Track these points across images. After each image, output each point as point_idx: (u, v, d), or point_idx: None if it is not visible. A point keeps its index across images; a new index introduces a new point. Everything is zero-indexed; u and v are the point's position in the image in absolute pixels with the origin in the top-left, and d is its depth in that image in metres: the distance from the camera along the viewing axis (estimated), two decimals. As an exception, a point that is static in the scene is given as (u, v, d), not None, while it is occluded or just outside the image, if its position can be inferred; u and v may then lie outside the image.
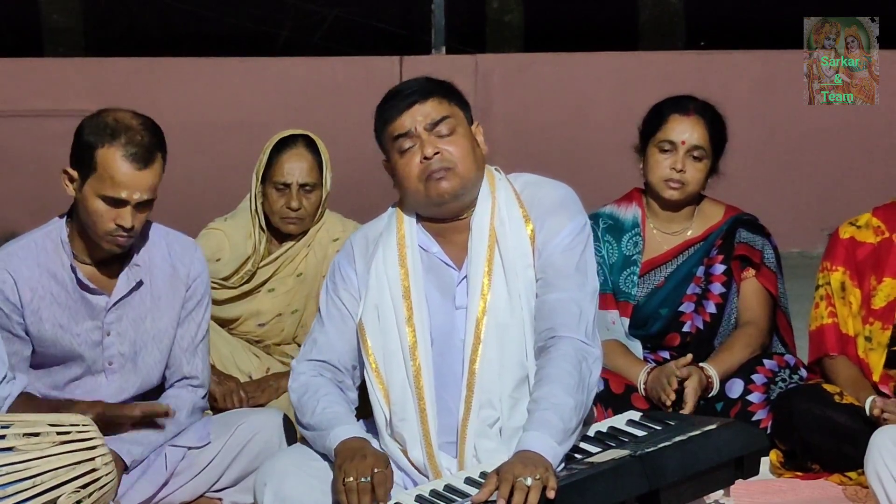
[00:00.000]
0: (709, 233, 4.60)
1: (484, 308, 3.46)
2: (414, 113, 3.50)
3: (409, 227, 3.58)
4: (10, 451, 3.40)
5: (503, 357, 3.45)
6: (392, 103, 3.55)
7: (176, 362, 4.02)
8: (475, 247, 3.51)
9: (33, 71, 8.46)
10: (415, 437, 3.45)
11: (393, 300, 3.51)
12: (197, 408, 4.04)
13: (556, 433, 3.25)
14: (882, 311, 4.31)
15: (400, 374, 3.48)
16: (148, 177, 3.75)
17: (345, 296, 3.58)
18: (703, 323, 4.54)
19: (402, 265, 3.53)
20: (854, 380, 4.28)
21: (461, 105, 3.58)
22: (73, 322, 3.90)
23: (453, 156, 3.49)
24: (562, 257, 3.49)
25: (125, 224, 3.76)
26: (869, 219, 4.40)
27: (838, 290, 4.36)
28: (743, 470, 3.41)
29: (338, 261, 3.64)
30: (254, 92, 8.49)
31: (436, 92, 3.54)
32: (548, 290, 3.47)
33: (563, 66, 8.78)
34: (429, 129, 3.50)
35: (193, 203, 7.89)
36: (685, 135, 4.49)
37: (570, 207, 3.56)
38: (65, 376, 3.95)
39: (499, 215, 3.53)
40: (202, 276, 4.04)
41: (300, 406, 3.52)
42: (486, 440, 3.42)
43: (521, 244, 3.50)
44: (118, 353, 3.95)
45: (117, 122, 3.77)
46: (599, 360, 3.45)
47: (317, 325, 3.63)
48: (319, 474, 3.37)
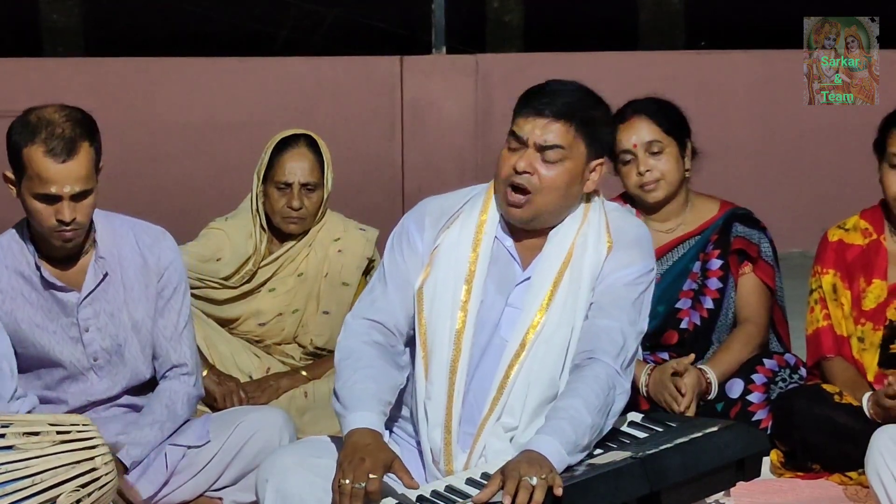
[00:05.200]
0: (704, 227, 4.61)
1: (541, 316, 3.45)
2: (536, 125, 3.44)
3: (493, 213, 3.54)
4: (10, 450, 3.40)
5: (540, 370, 3.43)
6: (542, 101, 3.46)
7: (163, 352, 4.01)
8: (551, 253, 3.49)
9: (33, 71, 8.46)
10: (438, 420, 3.43)
11: (455, 280, 3.49)
12: (192, 397, 4.03)
13: (567, 443, 3.24)
14: (872, 312, 4.33)
15: (442, 355, 3.46)
16: (74, 168, 3.73)
17: (409, 260, 3.54)
18: (700, 319, 4.54)
19: (475, 249, 3.50)
20: (852, 380, 4.29)
21: (589, 139, 3.48)
22: (48, 320, 3.91)
23: (542, 183, 3.45)
24: (623, 289, 3.47)
25: (64, 218, 3.74)
26: (857, 221, 4.42)
27: (830, 292, 4.39)
28: (744, 472, 3.41)
29: (406, 224, 3.59)
30: (254, 92, 8.48)
31: (569, 117, 3.45)
32: (599, 315, 3.45)
33: (563, 65, 8.74)
34: (538, 149, 3.45)
35: (193, 203, 7.89)
36: (633, 138, 4.51)
37: (644, 247, 3.54)
38: (53, 377, 3.96)
39: (584, 233, 3.51)
40: (174, 263, 4.01)
41: (340, 370, 3.47)
42: (497, 441, 3.41)
43: (596, 266, 3.48)
44: (101, 349, 3.95)
45: (38, 119, 3.75)
46: (627, 394, 3.44)
47: (378, 285, 3.58)
48: (321, 471, 3.35)
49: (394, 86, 8.44)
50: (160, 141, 8.35)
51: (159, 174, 8.29)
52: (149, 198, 7.97)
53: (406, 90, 8.43)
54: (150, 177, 8.28)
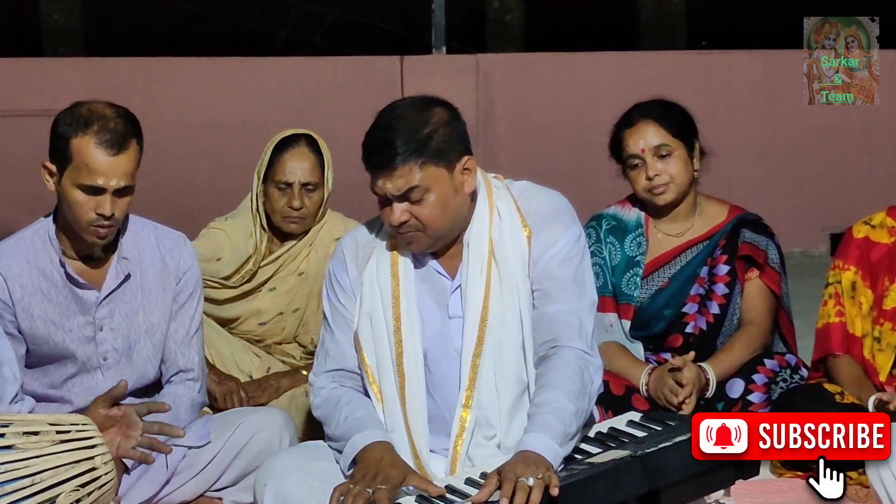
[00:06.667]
0: (713, 232, 4.60)
1: (482, 318, 3.45)
2: (385, 180, 3.40)
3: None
4: (10, 450, 3.40)
5: (501, 370, 3.44)
6: (376, 157, 3.42)
7: (171, 356, 4.02)
8: (471, 256, 3.48)
9: (33, 71, 8.47)
10: (404, 449, 3.43)
11: (384, 309, 3.50)
12: (195, 403, 4.04)
13: (557, 435, 3.25)
14: (893, 313, 4.30)
15: (391, 385, 3.47)
16: (123, 162, 3.77)
17: (345, 301, 3.57)
18: (706, 324, 4.54)
19: (395, 274, 3.51)
20: (857, 379, 4.28)
21: (436, 159, 3.39)
22: (65, 318, 3.91)
23: (423, 221, 3.42)
24: (559, 269, 3.46)
25: (105, 212, 3.76)
26: (883, 218, 4.38)
27: (848, 289, 4.36)
28: (743, 470, 3.41)
29: (332, 267, 3.61)
30: (254, 92, 8.50)
31: (406, 157, 3.38)
32: (546, 301, 3.44)
33: (563, 65, 8.78)
34: (398, 199, 3.41)
35: (193, 203, 7.90)
36: (641, 142, 4.50)
37: (564, 217, 3.52)
38: (61, 374, 3.96)
39: (498, 225, 3.49)
40: (192, 269, 4.04)
41: (325, 420, 3.50)
42: (482, 450, 3.43)
43: (521, 254, 3.47)
44: (112, 349, 3.95)
45: (90, 112, 3.78)
46: (601, 369, 3.45)
47: (326, 336, 3.61)
48: (320, 474, 3.36)
49: (394, 86, 8.45)
50: (160, 141, 8.35)
51: (159, 174, 8.29)
52: (149, 197, 7.93)
53: (406, 90, 8.44)
54: (150, 176, 8.24)
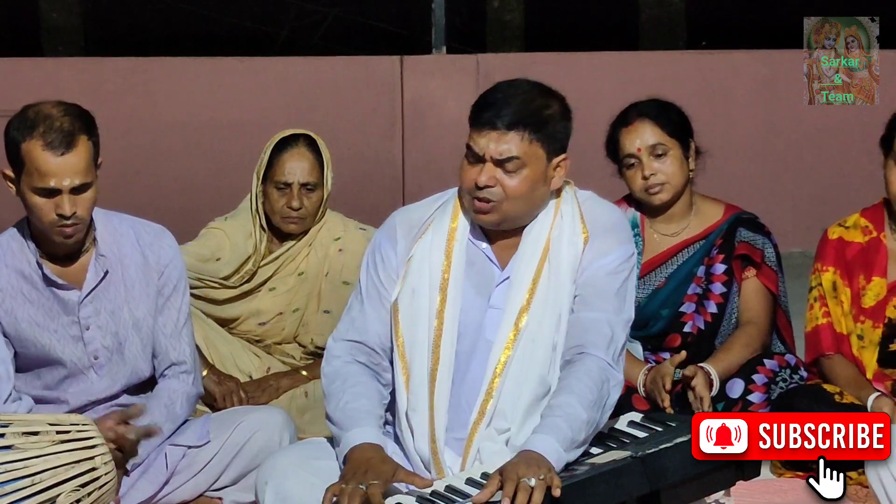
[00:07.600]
0: (709, 232, 4.60)
1: (524, 314, 3.44)
2: (490, 139, 3.41)
3: (463, 220, 3.53)
4: (9, 450, 3.40)
5: (528, 369, 3.43)
6: (492, 113, 3.42)
7: (162, 350, 4.01)
8: (527, 251, 3.48)
9: (33, 71, 8.47)
10: (423, 431, 3.43)
11: (430, 288, 3.48)
12: (191, 396, 4.03)
13: (564, 440, 3.24)
14: (872, 310, 4.34)
15: (422, 365, 3.46)
16: (72, 161, 3.73)
17: (384, 276, 3.54)
18: (704, 323, 4.54)
19: (448, 256, 3.49)
20: (853, 378, 4.30)
21: (545, 141, 3.44)
22: (49, 319, 3.91)
23: (506, 193, 3.43)
24: (605, 280, 3.45)
25: (64, 212, 3.75)
26: (857, 219, 4.43)
27: (830, 289, 4.40)
28: (744, 471, 3.41)
29: (378, 240, 3.58)
30: (254, 92, 8.49)
31: (522, 125, 3.41)
32: (584, 308, 3.44)
33: (564, 65, 8.77)
34: (495, 162, 3.43)
35: (193, 203, 7.90)
36: (637, 141, 4.52)
37: (621, 233, 3.53)
38: (54, 377, 3.95)
39: (559, 225, 3.49)
40: (174, 261, 4.02)
41: (329, 394, 3.49)
42: (492, 443, 3.41)
43: (574, 258, 3.47)
44: (102, 347, 3.94)
45: (36, 115, 3.76)
46: (620, 385, 3.44)
47: (355, 304, 3.58)
48: (321, 473, 3.36)
49: (394, 86, 8.45)
50: (160, 140, 8.36)
51: (159, 174, 8.30)
52: (149, 197, 7.98)
53: (406, 90, 8.44)
54: (149, 176, 8.29)
